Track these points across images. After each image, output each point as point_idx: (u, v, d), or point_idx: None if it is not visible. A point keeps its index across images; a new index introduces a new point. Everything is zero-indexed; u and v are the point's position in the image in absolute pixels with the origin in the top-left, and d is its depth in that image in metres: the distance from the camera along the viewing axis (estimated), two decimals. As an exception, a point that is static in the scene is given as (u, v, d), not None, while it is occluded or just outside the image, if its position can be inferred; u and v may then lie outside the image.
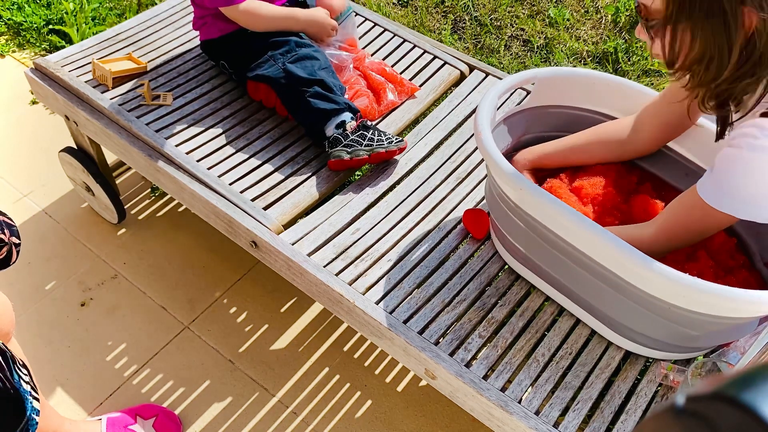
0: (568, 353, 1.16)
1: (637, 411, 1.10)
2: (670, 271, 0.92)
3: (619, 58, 2.25)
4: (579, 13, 2.43)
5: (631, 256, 0.94)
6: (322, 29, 1.56)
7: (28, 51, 2.29)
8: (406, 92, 1.61)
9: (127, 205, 1.82)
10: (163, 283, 1.67)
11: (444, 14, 2.44)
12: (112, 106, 1.49)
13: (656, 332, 1.06)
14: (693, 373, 1.04)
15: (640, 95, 1.23)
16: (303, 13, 1.54)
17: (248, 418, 1.43)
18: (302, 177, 1.42)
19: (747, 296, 0.89)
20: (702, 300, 0.93)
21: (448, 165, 1.47)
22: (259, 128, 1.52)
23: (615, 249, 0.96)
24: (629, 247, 0.95)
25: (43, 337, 1.55)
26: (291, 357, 1.54)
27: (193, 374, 1.50)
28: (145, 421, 1.36)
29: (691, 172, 1.24)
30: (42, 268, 1.69)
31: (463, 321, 1.19)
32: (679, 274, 0.91)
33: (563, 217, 1.01)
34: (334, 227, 1.33)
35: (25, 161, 1.95)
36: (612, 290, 1.04)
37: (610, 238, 0.96)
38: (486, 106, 1.14)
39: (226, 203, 1.35)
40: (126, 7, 2.39)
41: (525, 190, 1.04)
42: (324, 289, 1.24)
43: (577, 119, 1.31)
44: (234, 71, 1.56)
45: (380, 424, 1.43)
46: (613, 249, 0.96)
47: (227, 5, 1.44)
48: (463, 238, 1.33)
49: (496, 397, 1.08)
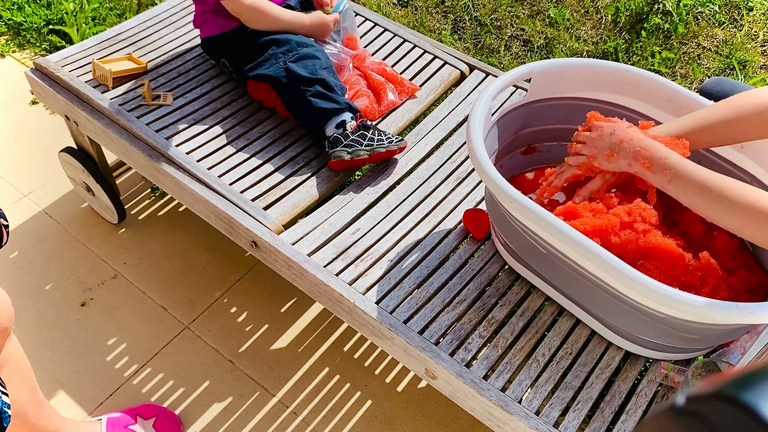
0: (568, 353, 1.16)
1: (638, 411, 1.10)
2: (653, 283, 0.91)
3: (619, 58, 2.25)
4: (579, 13, 2.43)
5: (616, 267, 0.94)
6: (326, 29, 1.56)
7: (28, 51, 2.29)
8: (407, 92, 1.61)
9: (127, 205, 1.82)
10: (163, 283, 1.67)
11: (444, 14, 2.43)
12: (113, 106, 1.49)
13: (653, 335, 1.06)
14: (693, 373, 1.04)
15: (641, 79, 1.23)
16: (309, 18, 1.54)
17: (248, 418, 1.43)
18: (302, 177, 1.42)
19: (738, 310, 0.89)
20: (688, 312, 0.92)
21: (448, 165, 1.47)
22: (260, 128, 1.52)
23: (602, 260, 0.96)
24: (615, 259, 0.94)
25: (43, 337, 1.55)
26: (291, 357, 1.54)
27: (193, 374, 1.50)
28: (145, 421, 1.36)
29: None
30: (42, 268, 1.69)
31: (464, 321, 1.19)
32: (663, 286, 0.91)
33: (552, 229, 1.00)
34: (334, 227, 1.33)
35: (25, 161, 1.95)
36: (607, 296, 1.04)
37: (596, 249, 0.96)
38: (479, 111, 1.13)
39: (226, 203, 1.35)
40: (126, 7, 2.39)
41: (514, 202, 1.03)
42: (324, 289, 1.24)
43: (579, 110, 1.31)
44: (234, 69, 1.55)
45: (380, 424, 1.43)
46: (600, 260, 0.96)
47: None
48: (463, 238, 1.33)
49: (496, 397, 1.08)
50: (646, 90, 1.24)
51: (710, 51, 2.29)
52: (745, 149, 1.17)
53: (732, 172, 1.20)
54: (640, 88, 1.25)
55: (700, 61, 2.25)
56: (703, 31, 2.35)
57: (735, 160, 1.19)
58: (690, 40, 2.32)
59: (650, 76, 1.24)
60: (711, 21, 2.39)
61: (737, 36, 2.34)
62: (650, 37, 2.32)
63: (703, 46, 2.30)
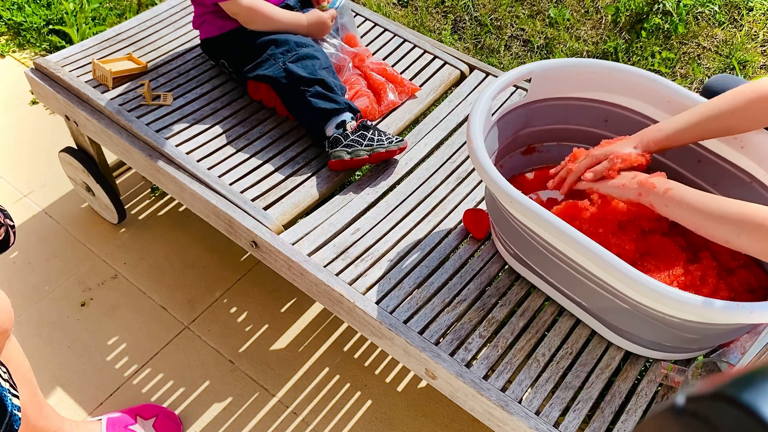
0: (568, 353, 1.16)
1: (638, 411, 1.10)
2: (653, 282, 0.91)
3: (619, 58, 2.25)
4: (579, 13, 2.43)
5: (617, 267, 0.94)
6: (324, 27, 1.56)
7: (28, 51, 2.29)
8: (407, 92, 1.61)
9: (127, 205, 1.82)
10: (163, 283, 1.67)
11: (444, 14, 2.43)
12: (113, 106, 1.49)
13: (654, 336, 1.06)
14: (693, 373, 1.04)
15: (641, 80, 1.23)
16: (306, 18, 1.54)
17: (248, 418, 1.43)
18: (302, 177, 1.42)
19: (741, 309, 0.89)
20: (689, 311, 0.92)
21: (448, 165, 1.47)
22: (260, 128, 1.52)
23: (602, 260, 0.96)
24: (616, 259, 0.95)
25: (43, 337, 1.56)
26: (291, 357, 1.54)
27: (193, 374, 1.50)
28: (145, 421, 1.36)
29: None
30: (42, 268, 1.69)
31: (464, 321, 1.19)
32: (663, 286, 0.91)
33: (552, 228, 1.01)
34: (334, 227, 1.33)
35: (25, 161, 1.95)
36: (607, 296, 1.04)
37: (597, 249, 0.96)
38: (479, 110, 1.13)
39: (226, 203, 1.35)
40: (126, 7, 2.39)
41: (515, 202, 1.03)
42: (324, 289, 1.24)
43: (579, 110, 1.31)
44: (234, 70, 1.56)
45: (380, 424, 1.43)
46: (601, 260, 0.96)
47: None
48: (463, 238, 1.33)
49: (496, 397, 1.08)
50: (646, 90, 1.24)
51: (710, 51, 2.29)
52: (745, 149, 1.17)
53: (732, 172, 1.20)
54: (639, 89, 1.25)
55: (700, 61, 2.25)
56: (703, 31, 2.35)
57: (735, 160, 1.19)
58: (690, 40, 2.32)
59: (650, 76, 1.24)
60: (711, 21, 2.39)
61: (737, 36, 2.34)
62: (650, 37, 2.32)
63: (703, 46, 2.30)
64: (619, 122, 1.30)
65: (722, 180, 1.23)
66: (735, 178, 1.21)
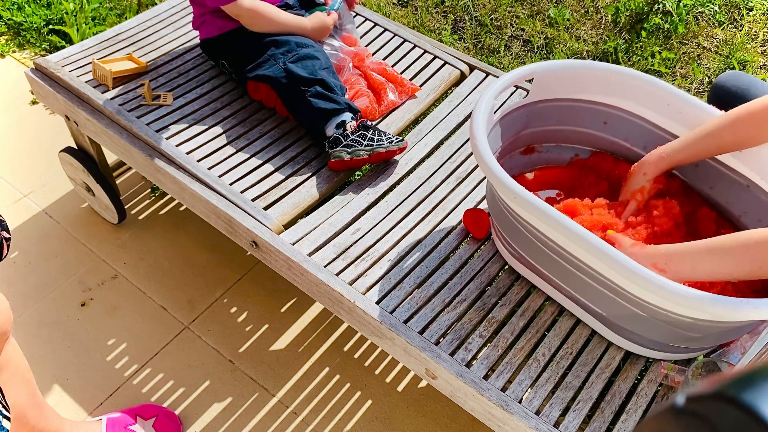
0: (568, 353, 1.16)
1: (638, 411, 1.10)
2: (660, 279, 0.92)
3: (619, 58, 2.25)
4: (579, 13, 2.43)
5: (624, 264, 0.94)
6: (326, 30, 1.56)
7: (28, 51, 2.29)
8: (407, 92, 1.61)
9: (127, 205, 1.82)
10: (163, 283, 1.67)
11: (444, 14, 2.44)
12: (113, 106, 1.49)
13: (655, 334, 1.06)
14: (693, 373, 1.04)
15: (641, 83, 1.23)
16: (309, 22, 1.54)
17: (248, 418, 1.43)
18: (302, 177, 1.42)
19: (747, 305, 0.89)
20: (699, 308, 0.92)
21: (448, 165, 1.47)
22: (260, 128, 1.52)
23: (609, 257, 0.96)
24: (623, 255, 0.95)
25: (43, 337, 1.55)
26: (291, 357, 1.54)
27: (193, 374, 1.50)
28: (145, 421, 1.36)
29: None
30: (42, 268, 1.69)
31: (464, 321, 1.19)
32: (670, 282, 0.91)
33: (557, 225, 1.01)
34: (334, 227, 1.33)
35: (25, 161, 1.95)
36: (610, 294, 1.04)
37: (604, 246, 0.96)
38: (482, 109, 1.13)
39: (226, 203, 1.35)
40: (126, 7, 2.39)
41: (519, 198, 1.04)
42: (324, 289, 1.24)
43: (580, 111, 1.30)
44: (234, 70, 1.56)
45: (380, 424, 1.43)
46: (608, 257, 0.96)
47: (228, 2, 1.43)
48: (463, 238, 1.33)
49: (496, 397, 1.08)
50: (647, 93, 1.25)
51: (710, 51, 2.29)
52: (743, 154, 1.17)
53: (731, 177, 1.21)
54: (639, 92, 1.25)
55: (700, 61, 2.25)
56: (703, 31, 2.35)
57: (734, 165, 1.20)
58: (690, 40, 2.32)
59: (650, 79, 1.24)
60: (711, 21, 2.39)
61: (737, 36, 2.34)
62: (650, 37, 2.32)
63: (703, 46, 2.30)
64: (618, 124, 1.30)
65: (719, 182, 1.23)
66: (734, 183, 1.21)
